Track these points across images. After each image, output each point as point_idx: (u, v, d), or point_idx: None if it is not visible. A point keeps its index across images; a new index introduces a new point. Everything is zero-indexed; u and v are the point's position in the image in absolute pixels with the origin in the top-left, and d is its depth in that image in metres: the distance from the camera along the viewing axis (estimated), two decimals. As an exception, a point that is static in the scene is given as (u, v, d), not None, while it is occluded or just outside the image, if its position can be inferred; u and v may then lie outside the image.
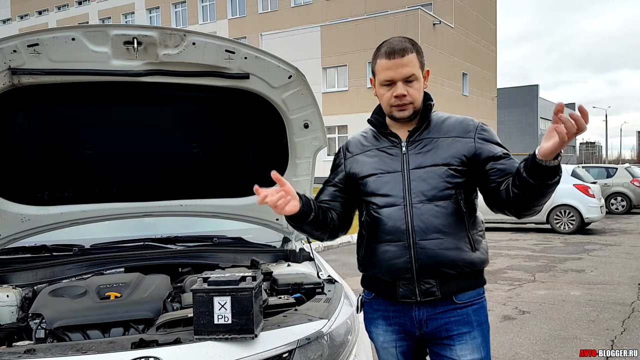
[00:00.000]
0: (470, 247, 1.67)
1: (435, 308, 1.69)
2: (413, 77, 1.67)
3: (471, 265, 1.67)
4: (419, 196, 1.66)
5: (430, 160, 1.68)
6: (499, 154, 1.66)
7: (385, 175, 1.72)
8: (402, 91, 1.66)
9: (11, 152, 2.00)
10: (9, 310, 1.87)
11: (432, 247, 1.64)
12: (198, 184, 2.36)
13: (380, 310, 1.79)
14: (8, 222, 2.13)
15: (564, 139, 1.34)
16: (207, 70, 1.91)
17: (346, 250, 8.36)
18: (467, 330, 1.68)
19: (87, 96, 1.96)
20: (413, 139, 1.74)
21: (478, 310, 1.72)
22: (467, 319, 1.69)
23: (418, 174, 1.68)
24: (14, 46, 1.68)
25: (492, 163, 1.65)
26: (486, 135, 1.72)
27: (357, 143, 1.86)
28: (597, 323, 4.66)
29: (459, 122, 1.75)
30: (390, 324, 1.76)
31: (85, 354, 1.42)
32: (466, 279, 1.69)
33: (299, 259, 2.48)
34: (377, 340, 1.82)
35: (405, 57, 1.66)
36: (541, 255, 8.26)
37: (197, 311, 1.50)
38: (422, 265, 1.65)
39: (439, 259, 1.64)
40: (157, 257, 2.33)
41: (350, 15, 28.57)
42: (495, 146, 1.69)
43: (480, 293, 1.74)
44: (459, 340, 1.68)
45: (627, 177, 14.91)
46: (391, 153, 1.75)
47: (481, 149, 1.68)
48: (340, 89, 26.31)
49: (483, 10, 31.86)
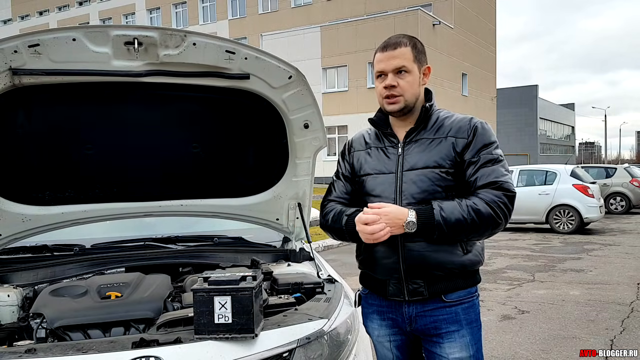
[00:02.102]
0: (461, 249, 1.66)
1: (424, 305, 1.70)
2: (403, 69, 1.68)
3: (461, 267, 1.67)
4: (409, 198, 1.67)
5: (422, 162, 1.69)
6: (474, 160, 1.65)
7: (380, 176, 1.75)
8: (392, 82, 1.68)
9: (12, 152, 2.00)
10: (9, 309, 1.88)
11: (419, 249, 1.65)
12: (198, 184, 2.36)
13: (375, 305, 1.83)
14: (9, 222, 2.13)
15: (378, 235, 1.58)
16: (207, 70, 1.92)
17: (346, 250, 8.36)
18: (456, 329, 1.69)
19: (88, 96, 1.96)
20: (410, 139, 1.74)
21: (468, 309, 1.71)
22: (456, 318, 1.70)
23: (410, 176, 1.69)
24: (15, 46, 1.68)
25: (467, 167, 1.66)
26: (478, 135, 1.68)
27: (360, 140, 1.89)
28: (597, 323, 4.67)
29: (458, 121, 1.72)
30: (384, 318, 1.80)
31: (86, 353, 1.42)
32: (455, 280, 1.69)
33: (299, 258, 2.49)
34: (373, 335, 1.86)
35: (397, 50, 1.68)
36: (540, 255, 8.26)
37: (197, 311, 1.50)
38: (409, 266, 1.67)
39: (427, 261, 1.65)
40: (158, 256, 2.33)
41: (350, 16, 28.57)
42: (480, 148, 1.66)
43: (471, 292, 1.73)
44: (447, 338, 1.69)
45: (626, 177, 14.91)
46: (389, 153, 1.77)
47: (467, 149, 1.66)
48: (340, 89, 26.32)
49: (482, 10, 31.87)
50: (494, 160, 1.65)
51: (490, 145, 1.68)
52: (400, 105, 1.70)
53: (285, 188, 2.40)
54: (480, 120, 1.73)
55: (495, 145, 1.69)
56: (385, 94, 1.70)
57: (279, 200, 2.43)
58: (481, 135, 1.68)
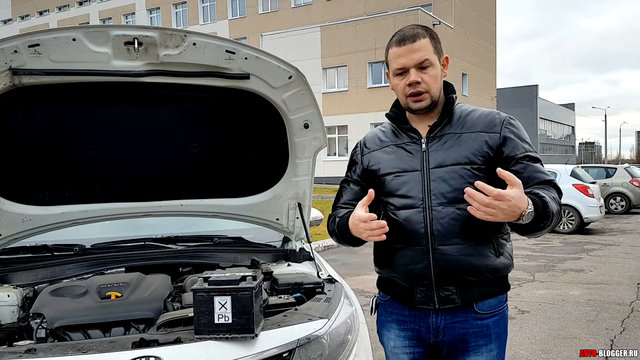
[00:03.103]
0: (494, 252, 1.56)
1: (454, 316, 1.60)
2: (427, 63, 1.55)
3: (494, 271, 1.57)
4: (439, 198, 1.55)
5: (452, 158, 1.56)
6: (520, 155, 1.55)
7: (404, 174, 1.61)
8: (416, 78, 1.55)
9: (12, 152, 2.00)
10: (9, 309, 1.88)
11: (453, 252, 1.53)
12: (198, 184, 2.36)
13: (395, 314, 1.71)
14: (9, 222, 2.13)
15: (485, 217, 1.34)
16: (207, 70, 1.92)
17: (346, 250, 8.35)
18: (485, 343, 1.60)
19: (88, 96, 1.96)
20: (434, 134, 1.61)
21: (498, 322, 1.62)
22: (487, 332, 1.60)
23: (438, 173, 1.56)
24: (15, 46, 1.68)
25: (514, 164, 1.54)
26: (513, 130, 1.59)
27: (374, 138, 1.75)
28: (597, 323, 4.67)
29: (485, 116, 1.62)
30: (404, 329, 1.69)
31: (86, 353, 1.42)
32: (488, 286, 1.59)
33: (299, 258, 2.48)
34: (388, 345, 1.75)
35: (417, 42, 1.55)
36: (541, 255, 8.26)
37: (197, 311, 1.50)
38: (441, 272, 1.55)
39: (460, 265, 1.54)
40: (158, 256, 2.33)
41: (350, 16, 28.56)
42: (520, 144, 1.56)
43: (502, 301, 1.64)
44: (474, 352, 1.60)
45: (626, 177, 14.91)
46: (410, 150, 1.63)
47: (505, 144, 1.56)
48: (340, 89, 26.31)
49: (483, 10, 31.86)
50: (537, 158, 1.58)
51: (527, 141, 1.60)
52: (427, 102, 1.58)
53: (285, 188, 2.40)
54: (508, 115, 1.65)
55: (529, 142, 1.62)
56: (410, 91, 1.57)
57: (279, 200, 2.43)
58: (518, 130, 1.60)
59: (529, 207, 1.37)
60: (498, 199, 1.31)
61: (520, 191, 1.35)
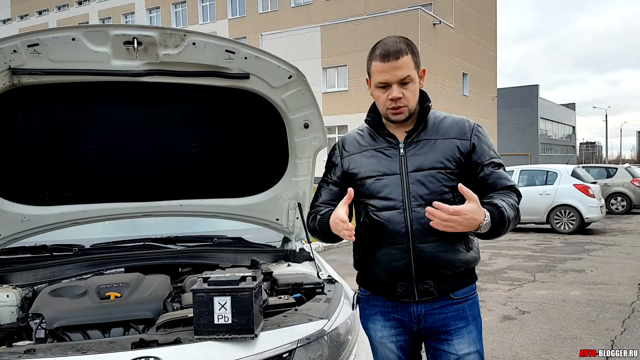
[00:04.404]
0: (465, 247, 1.73)
1: (433, 304, 1.75)
2: (408, 79, 1.68)
3: (466, 264, 1.74)
4: (418, 200, 1.69)
5: (428, 163, 1.70)
6: (486, 162, 1.72)
7: (384, 177, 1.73)
8: (398, 94, 1.67)
9: (11, 152, 2.00)
10: (9, 310, 1.87)
11: (431, 249, 1.68)
12: (198, 184, 2.36)
13: (378, 306, 1.83)
14: (8, 222, 2.13)
15: (446, 230, 1.52)
16: (207, 70, 1.91)
17: (346, 250, 8.36)
18: (464, 325, 1.75)
19: (87, 96, 1.96)
20: (411, 140, 1.75)
21: (472, 305, 1.79)
22: (463, 314, 1.75)
23: (417, 177, 1.70)
24: (14, 46, 1.68)
25: (480, 170, 1.72)
26: (481, 137, 1.76)
27: (353, 141, 1.86)
28: (597, 323, 4.67)
29: (456, 123, 1.77)
30: (389, 319, 1.81)
31: (85, 354, 1.42)
32: (461, 277, 1.76)
33: (299, 259, 2.48)
34: (375, 336, 1.85)
35: (400, 60, 1.65)
36: (541, 255, 8.26)
37: (197, 311, 1.50)
38: (421, 267, 1.70)
39: (438, 261, 1.69)
40: (157, 257, 2.33)
41: (350, 15, 28.57)
42: (487, 151, 1.74)
43: (473, 288, 1.82)
44: (456, 335, 1.74)
45: (627, 177, 14.92)
46: (389, 154, 1.76)
47: (474, 151, 1.72)
48: (340, 89, 26.31)
49: (483, 10, 31.86)
50: (501, 164, 1.75)
51: (492, 148, 1.77)
52: (405, 115, 1.72)
53: (285, 188, 2.39)
54: (475, 122, 1.81)
55: (494, 148, 1.80)
56: (392, 105, 1.70)
57: (278, 200, 2.43)
58: (484, 138, 1.76)
59: (485, 218, 1.54)
60: (455, 215, 1.48)
61: (477, 205, 1.52)
